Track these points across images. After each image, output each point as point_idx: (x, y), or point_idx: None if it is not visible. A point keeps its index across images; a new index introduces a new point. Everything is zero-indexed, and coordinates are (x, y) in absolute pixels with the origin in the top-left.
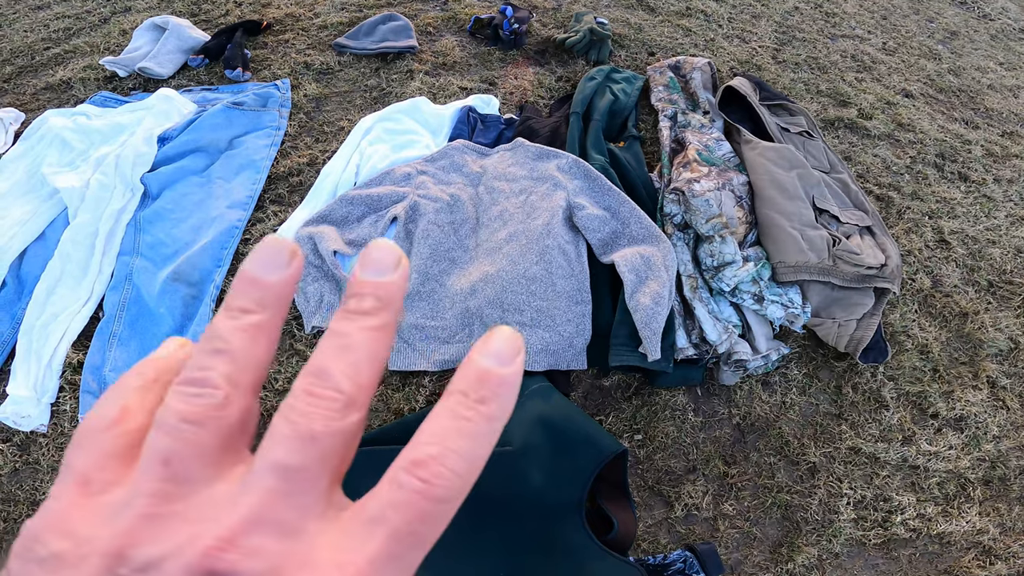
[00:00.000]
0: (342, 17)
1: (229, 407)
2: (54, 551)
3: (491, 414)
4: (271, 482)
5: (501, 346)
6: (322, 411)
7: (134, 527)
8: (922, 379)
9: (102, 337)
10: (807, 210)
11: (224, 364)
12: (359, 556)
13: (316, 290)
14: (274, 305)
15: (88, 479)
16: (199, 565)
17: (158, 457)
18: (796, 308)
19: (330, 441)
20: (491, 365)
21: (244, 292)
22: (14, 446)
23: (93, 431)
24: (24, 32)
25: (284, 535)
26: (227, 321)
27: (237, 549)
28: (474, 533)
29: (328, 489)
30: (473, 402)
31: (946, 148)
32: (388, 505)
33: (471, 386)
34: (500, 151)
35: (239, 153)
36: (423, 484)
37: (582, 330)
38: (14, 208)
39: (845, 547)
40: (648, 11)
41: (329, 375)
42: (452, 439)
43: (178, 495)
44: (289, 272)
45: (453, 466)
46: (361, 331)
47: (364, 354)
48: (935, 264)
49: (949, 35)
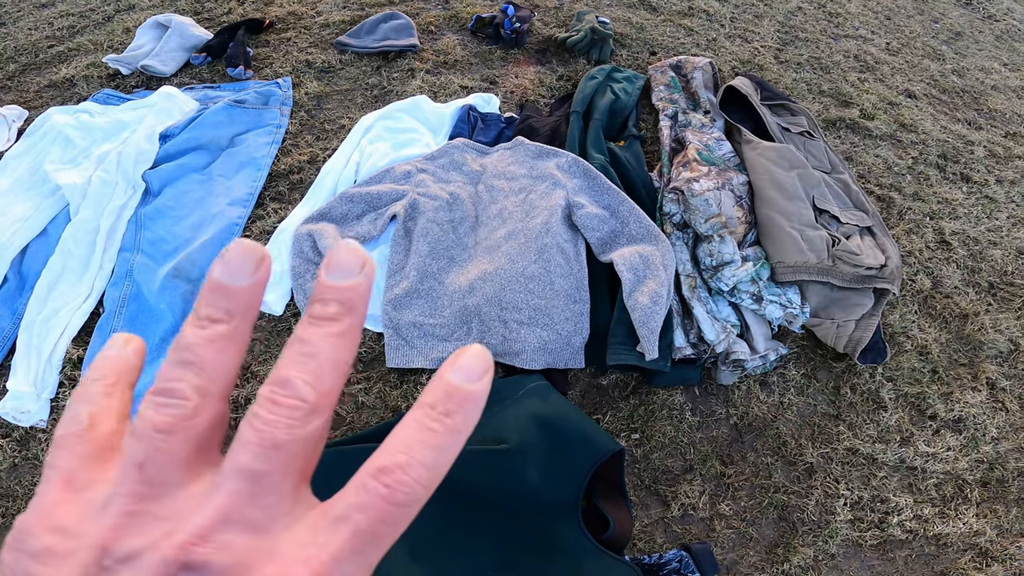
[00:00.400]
0: (344, 15)
1: (198, 416)
2: (46, 544)
3: (456, 427)
4: (239, 485)
5: (470, 363)
6: (285, 419)
7: (117, 523)
8: (921, 380)
9: (102, 333)
10: (807, 210)
11: (193, 376)
12: (323, 551)
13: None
14: (242, 313)
15: (72, 478)
16: (175, 558)
17: (133, 462)
18: (795, 308)
19: (294, 447)
20: (459, 381)
21: (212, 301)
22: (13, 441)
23: (69, 436)
24: (28, 30)
25: (252, 532)
26: (195, 331)
27: (209, 544)
28: (469, 530)
29: (294, 490)
30: (439, 415)
31: (948, 149)
32: (354, 507)
33: (439, 399)
34: (500, 150)
35: (240, 151)
36: (387, 490)
37: (580, 329)
38: (16, 204)
39: (841, 548)
40: (650, 10)
41: (291, 384)
42: (417, 449)
43: (153, 496)
44: (257, 278)
45: (416, 475)
46: (325, 338)
47: (326, 361)
48: (936, 265)
49: (953, 35)
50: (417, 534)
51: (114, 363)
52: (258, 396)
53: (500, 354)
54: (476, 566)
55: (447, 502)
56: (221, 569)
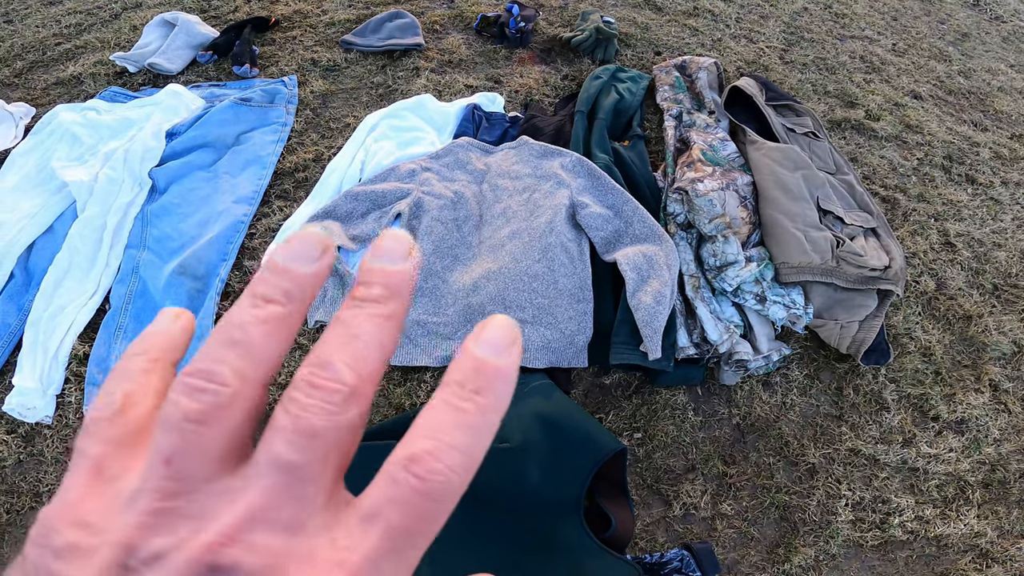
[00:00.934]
0: (349, 14)
1: (235, 405)
2: (69, 540)
3: (488, 405)
4: (272, 478)
5: (496, 335)
6: (323, 403)
7: (142, 521)
8: (924, 381)
9: (108, 329)
10: (811, 211)
11: (237, 357)
12: (355, 553)
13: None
14: (300, 298)
15: (100, 466)
16: (200, 559)
17: (160, 456)
18: (798, 309)
19: (332, 436)
20: (486, 355)
21: (271, 281)
22: (19, 437)
23: (99, 421)
24: (36, 27)
25: (285, 531)
26: (249, 310)
27: (238, 544)
28: (471, 529)
29: (329, 485)
30: (470, 392)
31: (954, 150)
32: (385, 502)
33: (467, 376)
34: (504, 149)
35: (246, 149)
36: (419, 481)
37: (583, 328)
38: (23, 201)
39: (842, 548)
40: (655, 10)
41: (332, 365)
42: (448, 432)
43: (181, 492)
44: (319, 266)
45: (450, 462)
46: (368, 319)
47: (370, 343)
48: (940, 266)
49: (960, 37)
50: None
51: (159, 338)
52: (295, 379)
53: None
54: (478, 565)
55: None
56: (250, 571)
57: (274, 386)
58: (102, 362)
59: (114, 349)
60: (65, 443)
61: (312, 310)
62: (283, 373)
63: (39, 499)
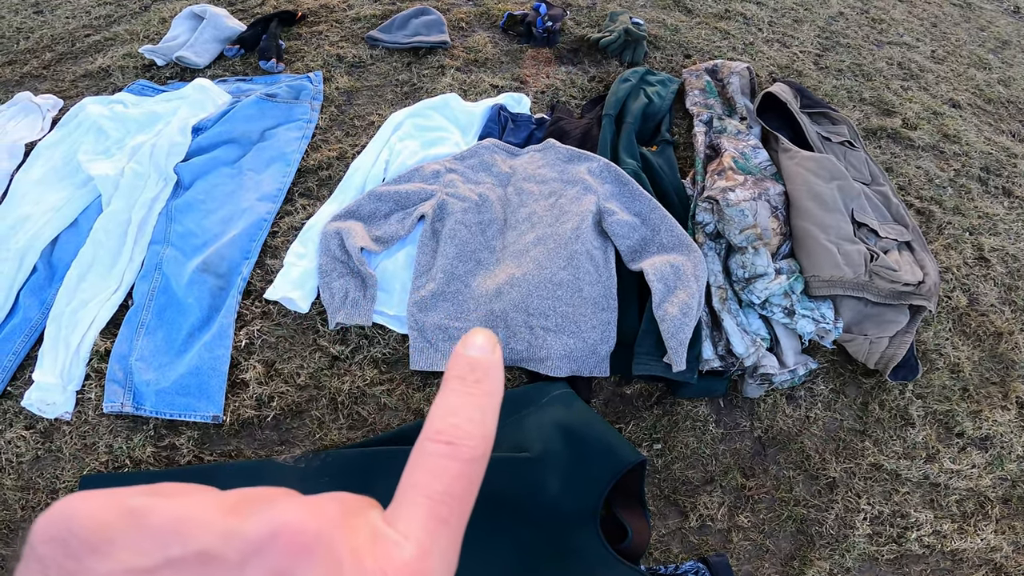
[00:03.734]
0: (375, 9)
1: None
2: None
3: (489, 390)
4: None
5: (482, 340)
6: None
7: None
8: (951, 398)
9: (130, 325)
10: (845, 223)
11: None
12: (413, 525)
13: (341, 286)
14: None
15: None
16: None
17: None
18: (827, 323)
19: None
20: (477, 354)
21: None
22: (37, 433)
23: None
24: (66, 18)
25: None
26: None
27: None
28: (488, 537)
29: None
30: (472, 382)
31: (991, 161)
32: (422, 472)
33: (465, 371)
34: (530, 152)
35: (270, 145)
36: (450, 446)
37: (606, 337)
38: (49, 194)
39: (857, 562)
40: (685, 12)
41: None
42: (463, 410)
43: None
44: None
45: (472, 429)
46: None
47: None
48: (973, 282)
49: (1000, 44)
50: None
51: None
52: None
53: (525, 360)
54: (494, 572)
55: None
56: None
57: (295, 388)
58: (123, 359)
59: (135, 346)
60: (84, 440)
61: (334, 311)
62: (304, 375)
63: (55, 495)
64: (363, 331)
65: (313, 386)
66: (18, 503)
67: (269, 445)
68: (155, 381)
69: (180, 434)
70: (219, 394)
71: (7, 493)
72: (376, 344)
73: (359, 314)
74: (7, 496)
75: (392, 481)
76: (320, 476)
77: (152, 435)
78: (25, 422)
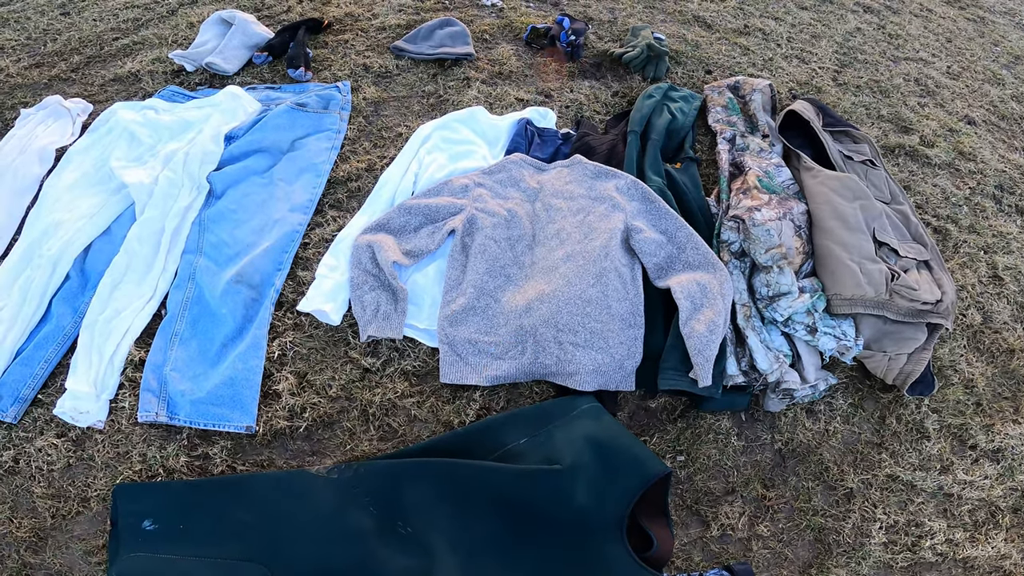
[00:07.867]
0: (399, 19)
1: None
2: None
3: None
4: None
5: None
6: None
7: None
8: (965, 412)
9: (164, 335)
10: (867, 243)
11: None
12: None
13: (373, 299)
14: None
15: None
16: None
17: None
18: (849, 340)
19: None
20: None
21: None
22: (69, 441)
23: None
24: (94, 21)
25: None
26: None
27: None
28: (517, 546)
29: None
30: None
31: (1005, 179)
32: None
33: None
34: (557, 167)
35: (300, 155)
36: None
37: (633, 353)
38: (81, 201)
39: (872, 569)
40: (705, 27)
41: None
42: None
43: None
44: None
45: None
46: None
47: None
48: (987, 300)
49: (1013, 59)
50: (471, 546)
51: None
52: None
53: (554, 374)
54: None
55: (502, 517)
56: None
57: (327, 399)
58: (157, 368)
59: (169, 356)
60: (116, 449)
61: (365, 324)
62: (335, 387)
63: (87, 504)
64: (394, 344)
65: (344, 398)
66: (48, 511)
67: (301, 456)
68: (190, 391)
69: (213, 444)
70: (252, 405)
71: (37, 501)
72: (407, 357)
73: (390, 327)
74: (37, 504)
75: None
76: (352, 487)
77: (185, 444)
78: (57, 430)
